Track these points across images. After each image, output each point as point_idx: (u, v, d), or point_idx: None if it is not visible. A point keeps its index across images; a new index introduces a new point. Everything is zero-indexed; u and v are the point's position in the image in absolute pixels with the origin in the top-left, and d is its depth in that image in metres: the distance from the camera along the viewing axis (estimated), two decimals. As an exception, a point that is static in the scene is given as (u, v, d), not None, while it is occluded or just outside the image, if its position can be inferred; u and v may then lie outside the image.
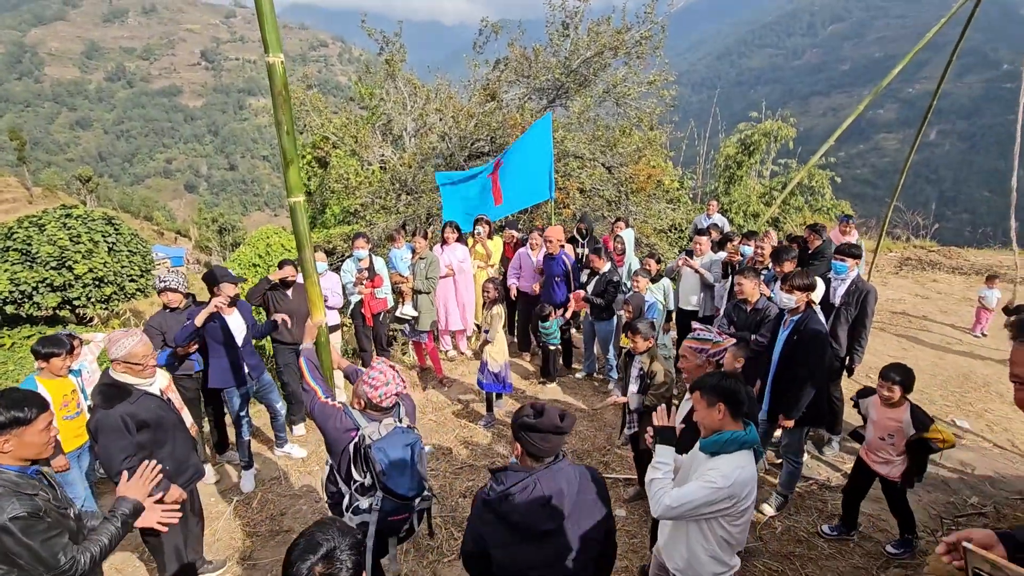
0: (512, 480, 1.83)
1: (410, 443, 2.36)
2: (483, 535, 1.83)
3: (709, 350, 2.73)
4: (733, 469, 2.08)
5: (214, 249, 45.67)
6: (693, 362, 2.75)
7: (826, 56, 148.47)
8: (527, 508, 1.78)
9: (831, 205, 14.66)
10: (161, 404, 2.87)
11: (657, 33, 10.77)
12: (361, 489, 2.32)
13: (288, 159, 2.41)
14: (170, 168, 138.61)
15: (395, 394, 2.38)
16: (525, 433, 1.84)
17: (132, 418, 2.67)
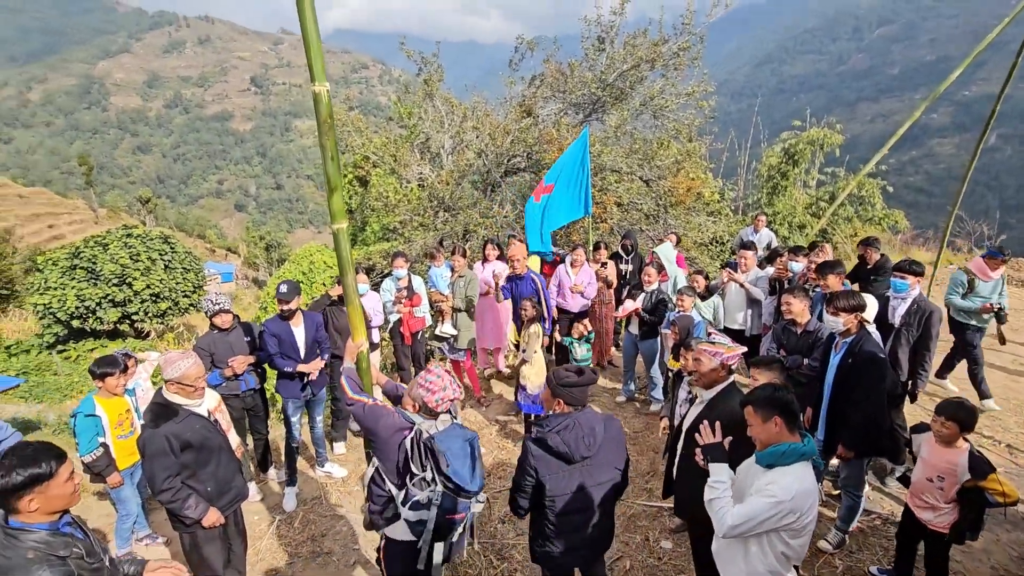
0: (556, 421, 2.40)
1: (469, 438, 2.38)
2: (537, 467, 2.37)
3: (723, 354, 2.65)
4: (792, 482, 2.04)
5: (261, 265, 47.49)
6: (707, 366, 2.68)
7: (874, 60, 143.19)
8: (570, 440, 2.35)
9: (883, 215, 13.96)
10: (207, 425, 2.92)
11: (695, 44, 10.61)
12: (422, 484, 2.25)
13: (333, 186, 2.43)
14: (222, 188, 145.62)
15: (452, 399, 2.41)
16: (566, 389, 2.40)
17: (177, 438, 2.73)
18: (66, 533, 1.88)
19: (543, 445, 2.37)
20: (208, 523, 2.84)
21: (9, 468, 1.77)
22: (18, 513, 1.79)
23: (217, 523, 2.89)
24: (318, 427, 4.62)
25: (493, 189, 11.66)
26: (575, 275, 6.00)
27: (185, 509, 2.76)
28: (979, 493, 2.69)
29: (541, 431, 2.41)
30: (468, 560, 3.51)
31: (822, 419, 3.57)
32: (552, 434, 2.36)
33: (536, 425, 2.46)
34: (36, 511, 1.80)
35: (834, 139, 14.23)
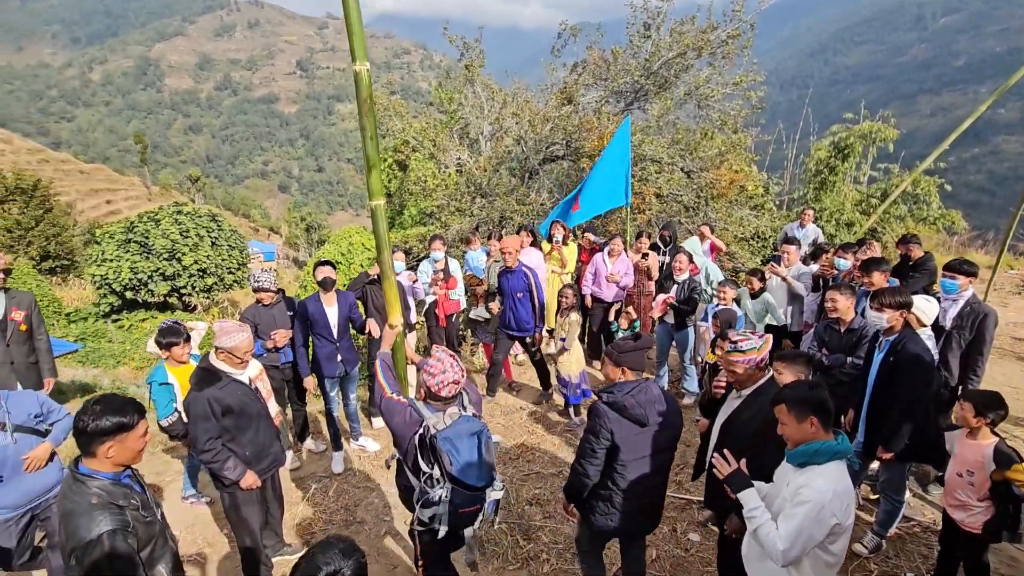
0: (627, 387, 2.51)
1: (476, 431, 2.31)
2: (613, 429, 2.45)
3: (755, 358, 2.58)
4: (827, 483, 1.97)
5: (301, 245, 48.81)
6: (745, 373, 2.62)
7: (937, 51, 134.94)
8: (644, 402, 2.47)
9: (938, 215, 13.22)
10: (247, 392, 3.05)
11: (746, 31, 10.25)
12: (431, 481, 2.27)
13: (371, 164, 2.49)
14: (266, 170, 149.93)
15: (453, 382, 2.32)
16: (629, 355, 2.54)
17: (218, 402, 2.87)
18: (126, 485, 2.01)
19: (618, 408, 2.46)
20: (245, 485, 2.98)
21: (99, 413, 1.89)
22: (94, 458, 1.92)
23: (254, 485, 3.02)
24: (352, 403, 4.75)
25: (531, 176, 11.61)
26: (612, 264, 5.96)
27: (224, 470, 2.90)
28: (1007, 486, 2.61)
29: (613, 395, 2.49)
30: (495, 539, 3.58)
31: (862, 420, 3.46)
32: (627, 397, 2.46)
33: (606, 391, 2.53)
34: (111, 459, 1.92)
35: (888, 133, 13.52)
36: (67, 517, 1.85)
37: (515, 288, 5.07)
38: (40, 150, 57.20)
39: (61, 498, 1.92)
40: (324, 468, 4.56)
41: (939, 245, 12.86)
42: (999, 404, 2.71)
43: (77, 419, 1.90)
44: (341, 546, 1.49)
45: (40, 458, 2.88)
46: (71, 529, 1.82)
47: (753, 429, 2.49)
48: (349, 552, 1.48)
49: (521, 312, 5.12)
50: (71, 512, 1.85)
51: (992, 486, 2.67)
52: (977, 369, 3.90)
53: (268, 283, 4.28)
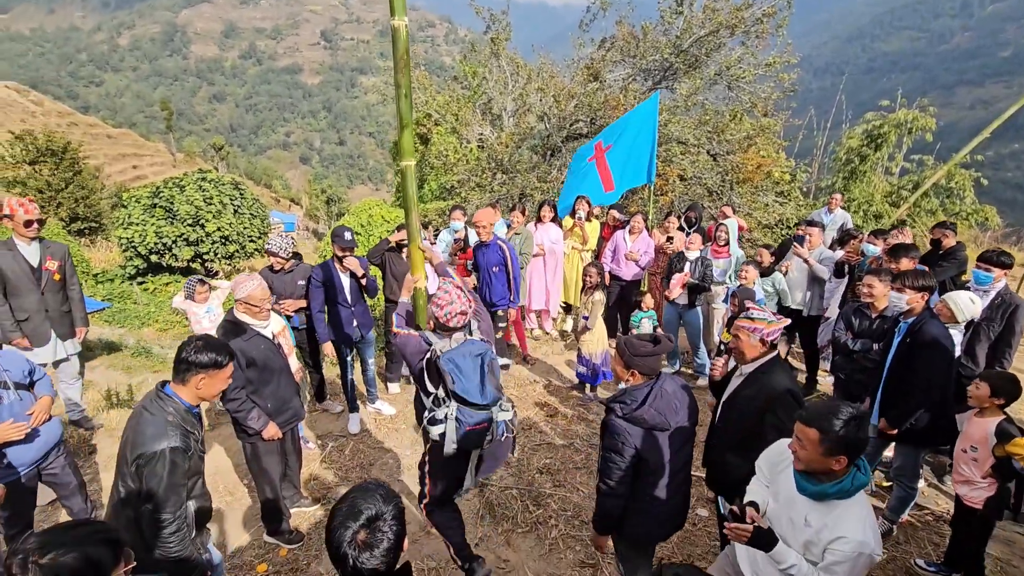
0: (641, 394, 2.31)
1: (480, 353, 2.43)
2: (636, 445, 2.27)
3: (764, 330, 2.46)
4: (859, 523, 1.76)
5: (321, 217, 49.23)
6: (747, 342, 2.51)
7: (982, 40, 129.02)
8: (663, 408, 2.30)
9: (972, 211, 12.81)
10: (270, 346, 3.13)
11: (783, 10, 9.92)
12: (437, 401, 2.42)
13: (404, 123, 2.48)
14: (288, 141, 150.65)
15: (460, 313, 2.44)
16: (643, 359, 2.33)
17: (243, 354, 2.95)
18: (196, 416, 2.27)
19: (638, 422, 2.29)
20: (267, 435, 3.08)
21: (201, 348, 2.17)
22: (184, 385, 2.18)
23: (275, 436, 3.12)
24: (370, 369, 4.83)
25: (553, 154, 11.50)
26: (632, 242, 5.92)
27: (249, 420, 3.00)
28: (1009, 462, 2.63)
29: (628, 408, 2.29)
30: (505, 504, 3.66)
31: (877, 404, 3.43)
32: (645, 409, 2.28)
33: (618, 403, 2.33)
34: (199, 391, 2.19)
35: (925, 123, 13.06)
36: (141, 426, 2.07)
37: (490, 262, 4.96)
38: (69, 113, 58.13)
39: (139, 410, 2.13)
40: (341, 428, 4.67)
41: (970, 241, 12.47)
42: (1015, 386, 2.74)
43: (181, 349, 2.18)
44: (381, 492, 1.46)
45: (45, 411, 2.92)
46: (141, 438, 2.04)
47: (756, 407, 2.43)
48: (389, 497, 1.45)
49: (496, 286, 5.03)
50: (147, 422, 2.08)
51: (995, 463, 2.70)
52: (1004, 361, 3.83)
53: (277, 248, 4.25)
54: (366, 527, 1.37)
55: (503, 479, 3.92)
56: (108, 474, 4.08)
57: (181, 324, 14.21)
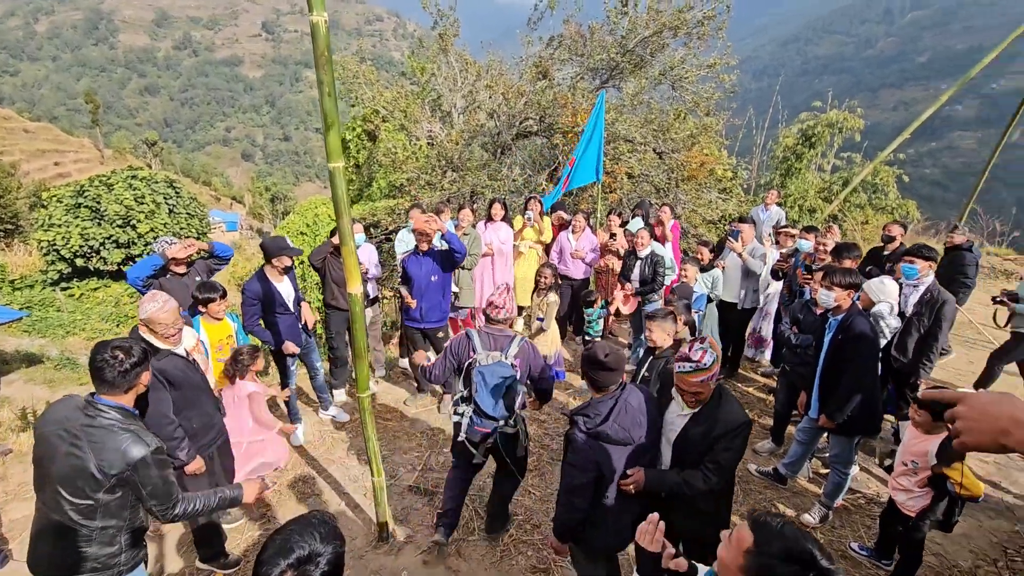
0: (605, 407, 2.31)
1: (506, 375, 2.87)
2: (598, 461, 2.29)
3: (716, 372, 2.30)
4: None
5: (266, 216, 47.34)
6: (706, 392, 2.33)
7: (903, 46, 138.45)
8: (627, 423, 2.29)
9: (895, 205, 13.74)
10: (186, 364, 2.90)
11: (721, 13, 10.24)
12: (461, 399, 2.99)
13: (329, 122, 2.36)
14: (229, 136, 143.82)
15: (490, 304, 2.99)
16: (601, 374, 2.31)
17: (162, 375, 2.73)
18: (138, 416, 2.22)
19: (600, 437, 2.28)
20: (190, 470, 2.89)
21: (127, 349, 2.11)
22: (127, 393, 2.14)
23: (198, 471, 2.93)
24: (319, 375, 4.62)
25: (503, 152, 11.44)
26: (576, 241, 5.95)
27: (179, 451, 2.80)
28: (944, 480, 2.72)
29: (591, 422, 2.29)
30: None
31: (814, 398, 3.58)
32: (610, 424, 2.27)
33: (582, 416, 2.33)
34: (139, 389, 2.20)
35: (854, 123, 13.87)
36: (105, 441, 2.00)
37: (428, 271, 4.51)
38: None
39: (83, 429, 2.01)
40: (282, 441, 4.45)
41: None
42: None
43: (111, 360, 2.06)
44: (322, 529, 1.32)
45: None
46: (113, 455, 1.98)
47: (711, 440, 2.32)
48: (329, 537, 1.31)
49: (434, 299, 4.60)
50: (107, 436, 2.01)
51: (931, 477, 2.79)
52: (931, 354, 4.00)
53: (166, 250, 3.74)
54: (295, 568, 1.24)
55: (454, 486, 3.84)
56: (21, 504, 3.73)
57: (113, 332, 13.30)
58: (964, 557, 3.32)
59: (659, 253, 5.37)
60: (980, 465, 4.18)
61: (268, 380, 5.37)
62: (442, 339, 4.74)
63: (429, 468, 4.08)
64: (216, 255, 4.08)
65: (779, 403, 4.33)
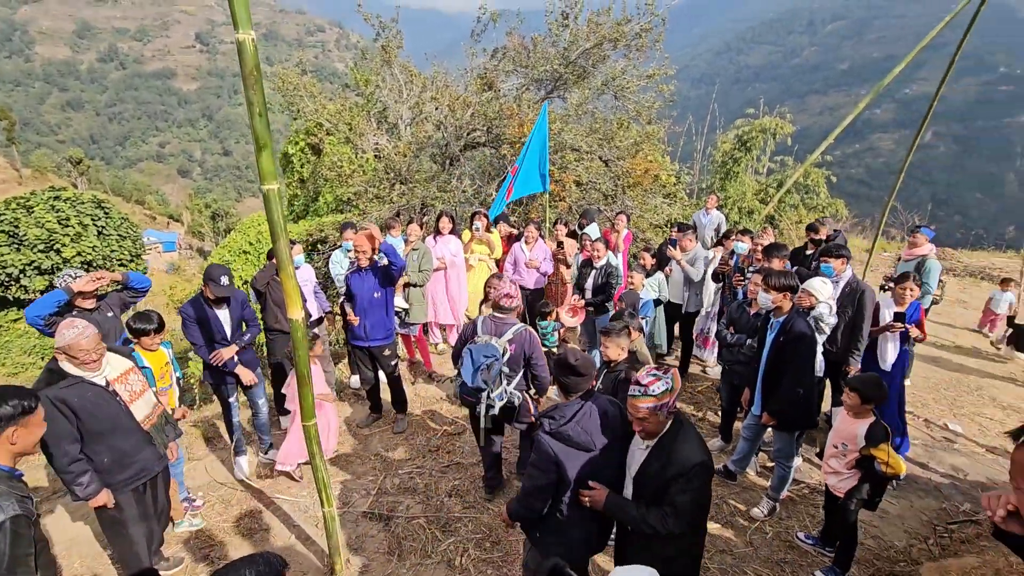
0: (569, 411, 2.34)
1: (489, 355, 3.35)
2: (558, 462, 2.29)
3: (668, 403, 2.19)
4: None
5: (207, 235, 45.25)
6: (656, 421, 2.21)
7: (825, 55, 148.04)
8: (589, 429, 2.31)
9: (826, 204, 14.63)
10: (100, 393, 2.72)
11: (657, 26, 10.61)
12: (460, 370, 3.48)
13: (261, 144, 2.28)
14: (163, 152, 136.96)
15: (506, 295, 3.45)
16: (571, 380, 2.38)
17: (64, 403, 2.58)
18: (21, 479, 2.01)
19: (562, 438, 2.29)
20: (96, 504, 2.72)
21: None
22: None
23: (108, 504, 2.75)
24: (262, 413, 4.32)
25: (452, 163, 11.41)
26: (530, 251, 5.99)
27: (76, 485, 2.63)
28: (871, 461, 2.89)
29: (555, 423, 2.31)
30: (413, 534, 3.50)
31: (757, 395, 3.72)
32: (572, 425, 2.29)
33: (547, 417, 2.36)
34: (13, 446, 1.97)
35: (785, 128, 14.70)
36: None
37: (370, 288, 4.42)
38: None
39: None
40: (225, 476, 4.23)
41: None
42: (880, 389, 2.97)
43: None
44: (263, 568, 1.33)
45: None
46: None
47: (666, 479, 2.20)
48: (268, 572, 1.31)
49: (376, 316, 4.46)
50: None
51: (859, 459, 2.95)
52: (859, 343, 4.28)
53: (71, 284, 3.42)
54: None
55: (410, 508, 3.75)
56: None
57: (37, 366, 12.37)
58: (899, 537, 3.52)
59: (614, 264, 5.47)
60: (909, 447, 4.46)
61: (201, 412, 5.14)
62: (388, 357, 4.60)
63: (384, 492, 3.97)
64: (131, 287, 3.72)
65: (724, 401, 4.48)
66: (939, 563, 3.08)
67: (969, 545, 3.39)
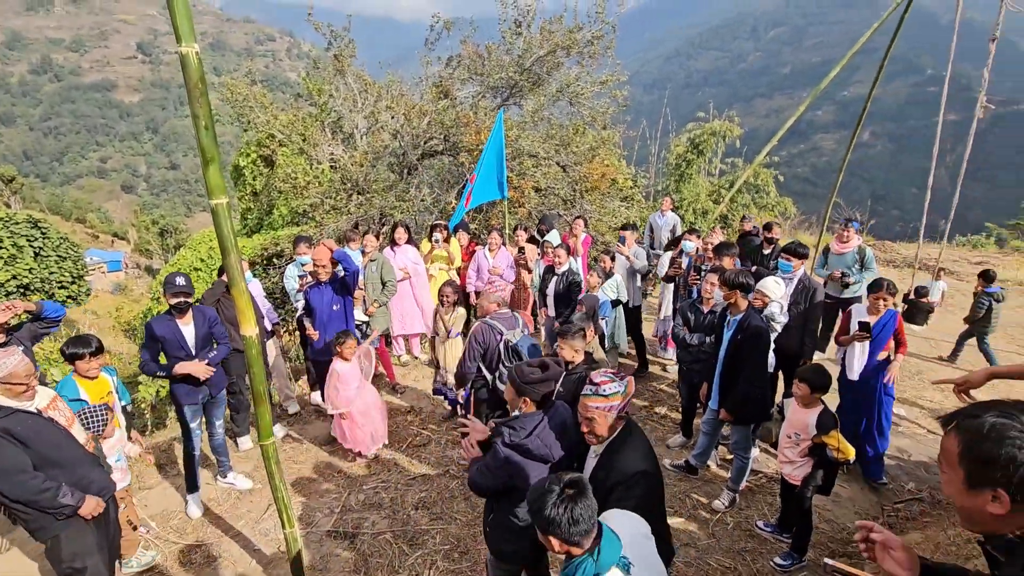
0: (529, 423, 2.32)
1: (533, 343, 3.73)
2: (512, 474, 2.29)
3: (619, 405, 2.15)
4: None
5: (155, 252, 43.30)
6: (604, 423, 2.18)
7: (768, 60, 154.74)
8: (548, 440, 2.30)
9: (776, 202, 15.27)
10: (38, 420, 2.61)
11: (608, 33, 10.85)
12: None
13: (208, 157, 2.22)
14: (105, 168, 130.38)
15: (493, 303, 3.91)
16: (533, 387, 2.34)
17: (7, 433, 2.45)
18: None
19: (522, 451, 2.27)
20: (88, 512, 2.62)
21: None
22: None
23: (97, 510, 2.68)
24: (218, 433, 4.17)
25: (410, 172, 11.33)
26: (493, 258, 6.00)
27: (61, 498, 2.52)
28: (824, 448, 3.05)
29: (516, 435, 2.29)
30: (380, 550, 3.44)
31: (715, 391, 3.84)
32: (532, 439, 2.27)
33: (507, 428, 2.33)
34: None
35: (734, 131, 15.28)
36: None
37: (329, 300, 4.38)
38: None
39: None
40: (178, 507, 4.03)
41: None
42: (826, 378, 3.13)
43: None
44: None
45: None
46: None
47: (608, 487, 2.14)
48: None
49: (333, 331, 4.43)
50: None
51: (812, 447, 3.10)
52: (813, 337, 4.50)
53: None
54: None
55: (376, 524, 3.69)
56: None
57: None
58: (851, 519, 3.69)
59: (575, 270, 5.54)
60: (858, 433, 4.68)
61: (154, 438, 4.93)
62: None
63: (349, 509, 3.88)
64: (45, 316, 3.47)
65: (684, 399, 4.60)
66: (887, 541, 3.24)
67: (914, 522, 3.58)
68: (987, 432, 1.13)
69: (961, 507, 1.22)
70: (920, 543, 3.04)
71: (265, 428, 2.80)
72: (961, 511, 1.23)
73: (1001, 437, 1.11)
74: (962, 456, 1.17)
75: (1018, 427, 1.10)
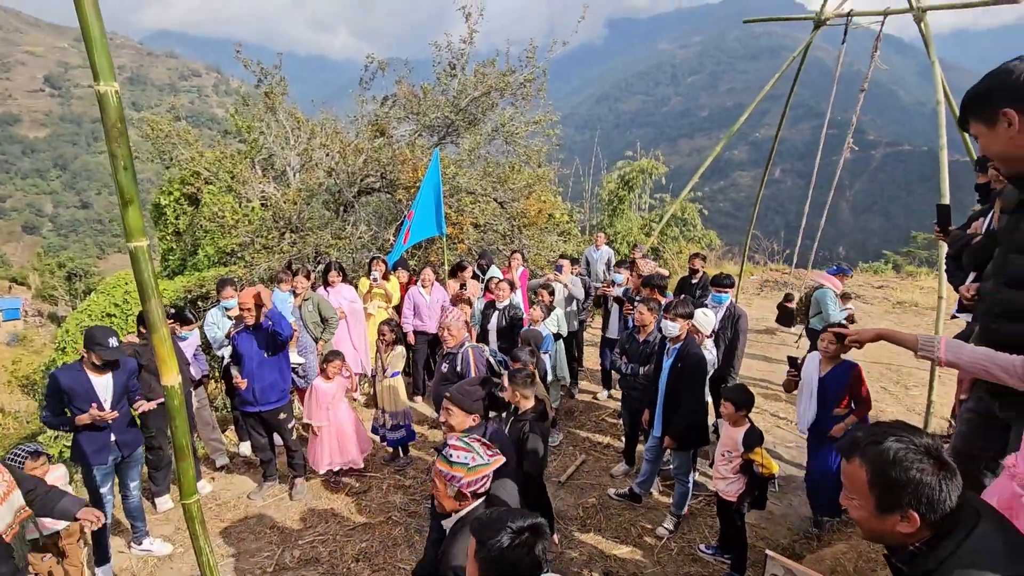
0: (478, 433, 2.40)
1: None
2: None
3: (460, 479, 1.91)
4: None
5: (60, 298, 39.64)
6: (443, 492, 1.97)
7: (688, 103, 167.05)
8: None
9: (701, 235, 16.28)
10: None
11: (539, 76, 11.38)
12: None
13: (127, 198, 2.12)
14: (3, 207, 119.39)
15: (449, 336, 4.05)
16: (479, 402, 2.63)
17: None
18: None
19: None
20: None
21: None
22: None
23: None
24: (132, 496, 3.80)
25: (346, 209, 11.17)
26: (429, 295, 5.97)
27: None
28: (751, 464, 3.23)
29: None
30: (318, 609, 3.21)
31: (658, 418, 3.96)
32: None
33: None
34: None
35: (660, 169, 16.30)
36: None
37: (259, 347, 4.09)
38: None
39: None
40: (89, 576, 3.62)
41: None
42: (748, 396, 3.35)
43: None
44: None
45: None
46: None
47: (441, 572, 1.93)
48: None
49: (268, 377, 4.15)
50: None
51: (743, 464, 3.26)
52: (736, 363, 4.79)
53: None
54: None
55: (314, 582, 3.46)
56: None
57: None
58: (783, 535, 3.86)
59: (516, 304, 5.57)
60: (785, 450, 4.95)
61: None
62: (284, 420, 4.28)
63: (283, 567, 3.62)
64: None
65: (626, 426, 4.71)
66: (816, 554, 3.41)
67: (839, 534, 3.79)
68: (893, 459, 1.19)
69: (871, 530, 1.28)
70: (846, 552, 3.22)
71: (188, 485, 2.59)
72: (870, 533, 1.30)
73: (905, 462, 1.18)
74: (872, 484, 1.22)
75: (919, 451, 1.19)
